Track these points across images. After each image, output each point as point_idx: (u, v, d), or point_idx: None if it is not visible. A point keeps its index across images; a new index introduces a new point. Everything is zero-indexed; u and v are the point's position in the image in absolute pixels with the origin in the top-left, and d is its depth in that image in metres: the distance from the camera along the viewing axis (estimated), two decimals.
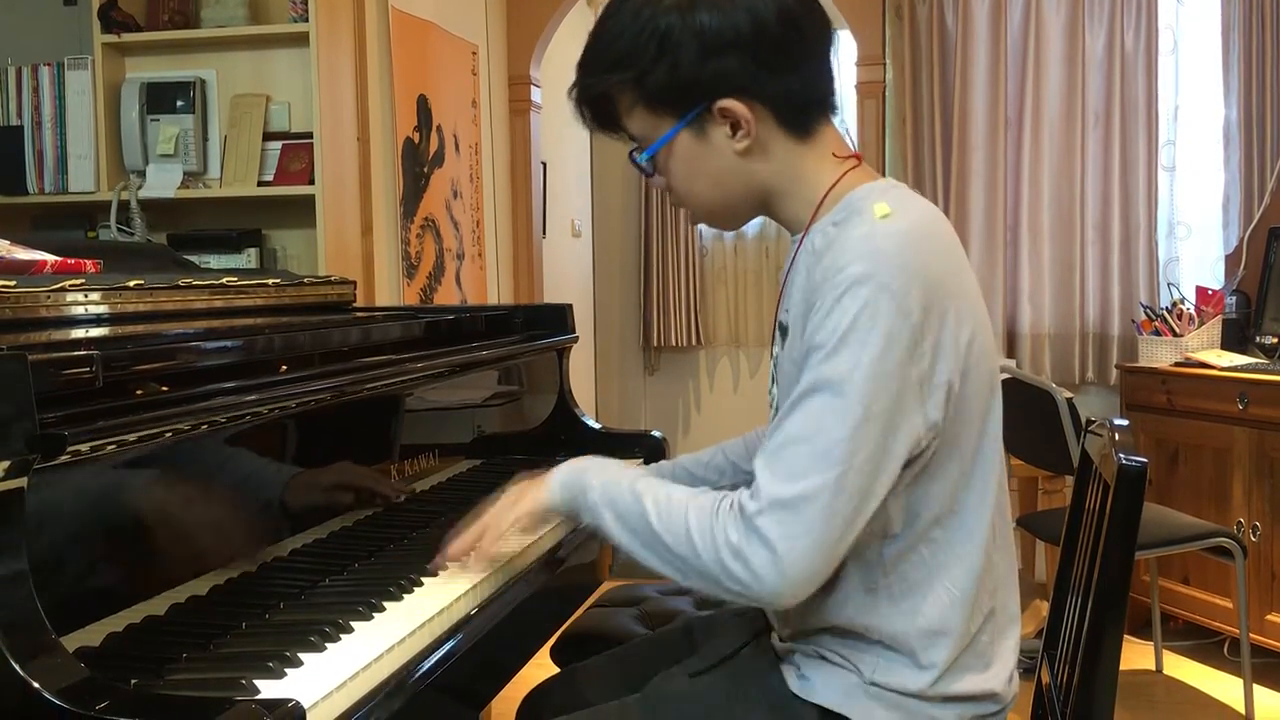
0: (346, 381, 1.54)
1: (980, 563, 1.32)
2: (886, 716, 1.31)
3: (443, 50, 3.79)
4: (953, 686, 1.31)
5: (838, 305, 1.21)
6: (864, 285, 1.20)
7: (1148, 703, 3.40)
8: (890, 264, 1.21)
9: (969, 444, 1.30)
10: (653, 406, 6.06)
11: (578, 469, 1.40)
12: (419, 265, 3.57)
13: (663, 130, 1.33)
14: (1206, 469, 3.65)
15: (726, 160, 1.33)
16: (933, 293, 1.22)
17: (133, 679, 1.07)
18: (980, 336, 1.29)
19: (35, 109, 3.13)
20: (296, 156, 3.05)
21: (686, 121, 1.32)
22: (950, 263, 1.28)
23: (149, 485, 1.20)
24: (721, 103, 1.30)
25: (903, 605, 1.30)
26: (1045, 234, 4.47)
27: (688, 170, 1.35)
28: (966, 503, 1.31)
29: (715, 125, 1.32)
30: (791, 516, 1.18)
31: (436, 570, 1.47)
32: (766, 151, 1.33)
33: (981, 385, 1.30)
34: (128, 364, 1.18)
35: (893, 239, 1.23)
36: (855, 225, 1.26)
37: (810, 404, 1.21)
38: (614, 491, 1.34)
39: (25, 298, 1.43)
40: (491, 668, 1.53)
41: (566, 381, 2.33)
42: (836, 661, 1.34)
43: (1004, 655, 1.38)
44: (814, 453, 1.19)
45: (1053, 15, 4.41)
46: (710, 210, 1.40)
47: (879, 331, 1.19)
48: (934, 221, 1.30)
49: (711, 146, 1.33)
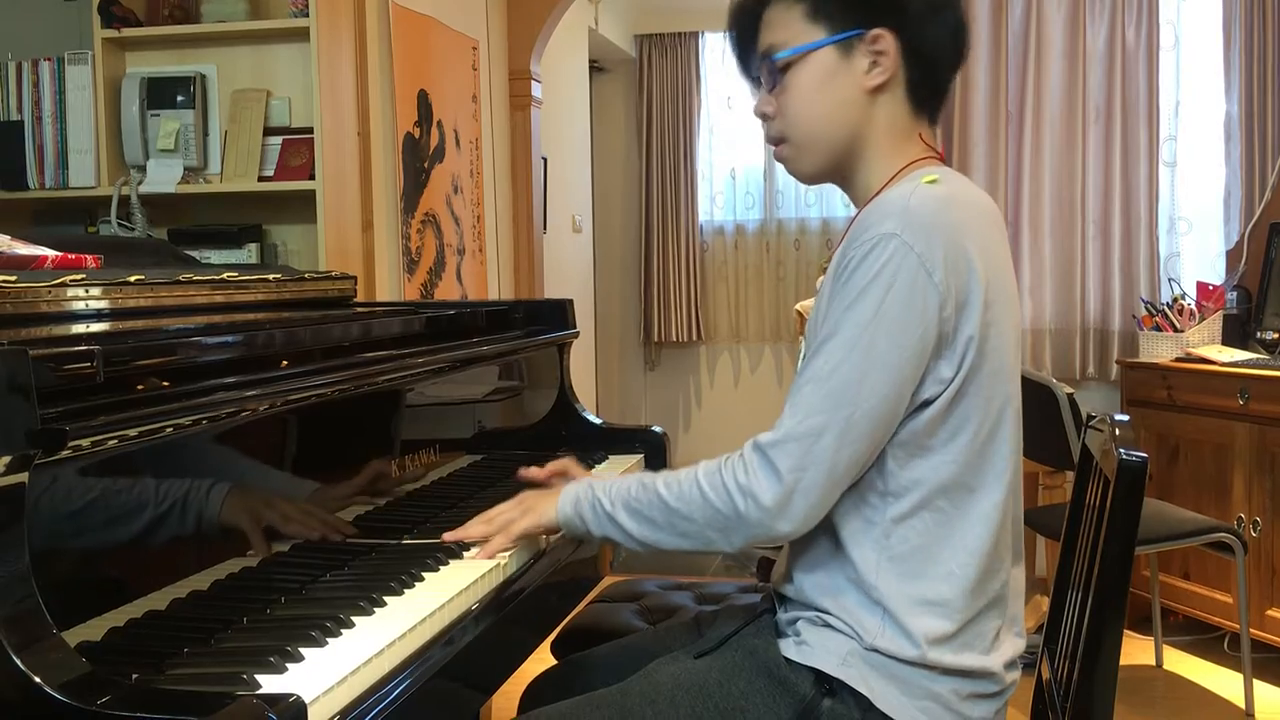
0: (347, 377, 1.54)
1: (987, 545, 1.34)
2: (881, 684, 1.32)
3: (443, 45, 3.79)
4: (950, 659, 1.33)
5: (866, 258, 1.28)
6: (891, 240, 1.27)
7: (1148, 698, 3.40)
8: (919, 222, 1.28)
9: (983, 425, 1.33)
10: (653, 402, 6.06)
11: (580, 483, 1.49)
12: (420, 260, 3.57)
13: (813, 37, 1.39)
14: (1207, 464, 3.65)
15: (853, 90, 1.39)
16: (960, 256, 1.28)
17: (134, 674, 1.07)
18: (1004, 323, 1.34)
19: (35, 104, 3.13)
20: (297, 152, 3.05)
21: (840, 38, 1.38)
22: (984, 236, 1.33)
23: (149, 480, 1.20)
24: (879, 30, 1.37)
25: (905, 570, 1.33)
26: (1046, 229, 4.47)
27: (814, 86, 1.40)
28: (977, 482, 1.34)
29: (860, 53, 1.38)
30: (800, 449, 1.28)
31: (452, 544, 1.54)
32: (887, 102, 1.40)
33: (999, 371, 1.34)
34: (128, 359, 1.18)
35: (928, 201, 1.30)
36: (899, 189, 1.34)
37: (829, 347, 1.29)
38: (622, 490, 1.43)
39: (26, 293, 1.42)
40: (493, 663, 1.53)
41: (567, 377, 2.33)
42: (839, 626, 1.35)
43: (1006, 648, 1.39)
44: (828, 392, 1.28)
45: (1054, 10, 4.41)
46: (808, 138, 1.43)
47: (901, 285, 1.26)
48: (976, 196, 1.38)
49: (848, 71, 1.39)
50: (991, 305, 1.31)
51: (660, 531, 1.39)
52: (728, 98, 5.86)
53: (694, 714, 1.37)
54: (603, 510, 1.44)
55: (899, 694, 1.32)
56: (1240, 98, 4.21)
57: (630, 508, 1.41)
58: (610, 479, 1.48)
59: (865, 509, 1.34)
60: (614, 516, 1.42)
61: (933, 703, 1.33)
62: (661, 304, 5.85)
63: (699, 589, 2.40)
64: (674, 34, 5.84)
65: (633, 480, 1.44)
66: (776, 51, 1.41)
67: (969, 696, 1.35)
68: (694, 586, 2.42)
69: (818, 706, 1.34)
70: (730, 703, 1.37)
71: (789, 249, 5.80)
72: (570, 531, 1.51)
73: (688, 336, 5.86)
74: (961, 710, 1.34)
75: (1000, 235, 1.38)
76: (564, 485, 1.52)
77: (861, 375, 1.27)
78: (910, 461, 1.32)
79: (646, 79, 5.88)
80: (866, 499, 1.34)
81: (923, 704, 1.33)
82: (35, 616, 0.97)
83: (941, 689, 1.33)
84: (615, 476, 1.50)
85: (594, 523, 1.45)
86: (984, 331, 1.31)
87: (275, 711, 0.94)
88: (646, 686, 1.41)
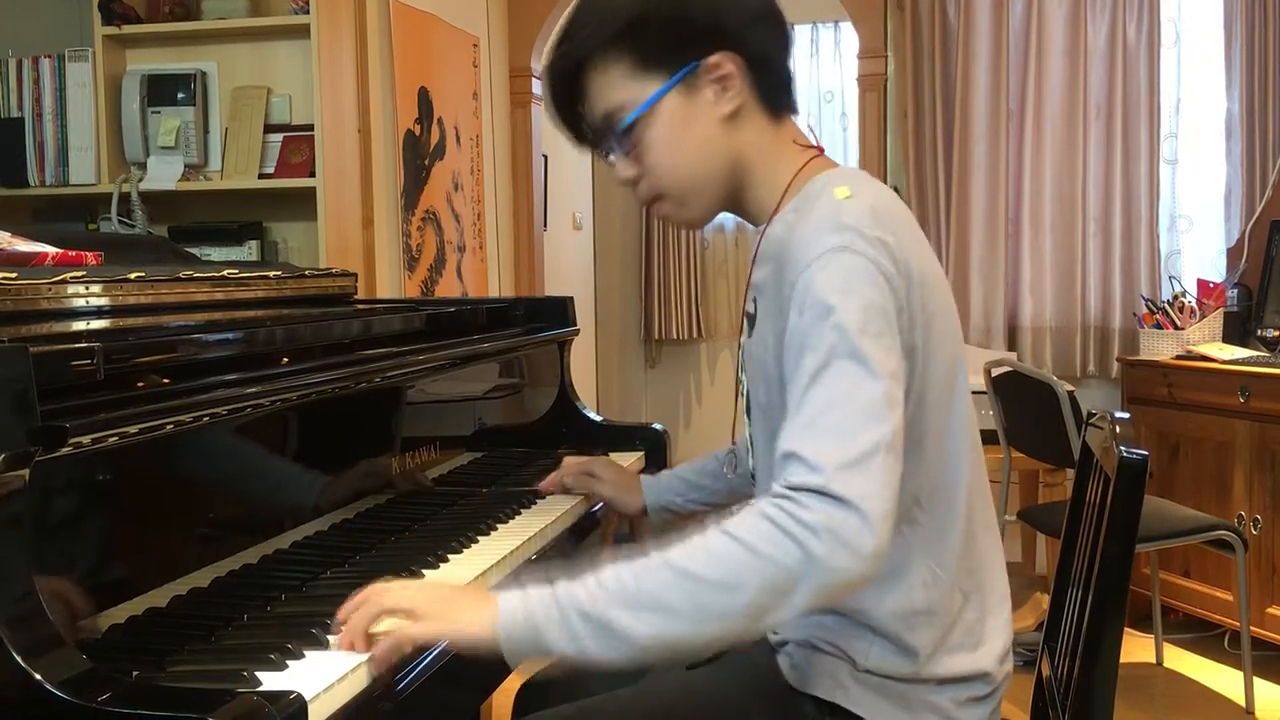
0: (348, 374, 1.54)
1: (960, 542, 1.33)
2: (882, 704, 1.31)
3: (444, 42, 3.79)
4: (944, 668, 1.32)
5: (821, 274, 1.21)
6: (839, 253, 1.21)
7: (1148, 696, 3.40)
8: (861, 234, 1.23)
9: (941, 421, 1.31)
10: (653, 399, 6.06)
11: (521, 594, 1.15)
12: (420, 258, 3.57)
13: (650, 90, 1.33)
14: (1207, 462, 3.65)
15: (710, 125, 1.34)
16: (900, 261, 1.25)
17: (134, 671, 1.07)
18: (942, 318, 1.31)
19: (36, 101, 3.13)
20: (297, 149, 3.05)
21: (678, 79, 1.32)
22: (911, 240, 1.30)
23: (149, 478, 1.20)
24: (715, 57, 1.31)
25: (888, 585, 1.30)
26: (1046, 227, 4.47)
27: (671, 136, 1.34)
28: (944, 481, 1.32)
29: (703, 85, 1.32)
30: (862, 474, 1.11)
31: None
32: (746, 122, 1.35)
33: (947, 367, 1.31)
34: (129, 356, 1.18)
35: (858, 215, 1.25)
36: (819, 208, 1.28)
37: (830, 373, 1.17)
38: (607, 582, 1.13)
39: (26, 290, 1.42)
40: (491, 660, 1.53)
41: (567, 374, 2.33)
42: (828, 650, 1.34)
43: (994, 634, 1.37)
44: (858, 413, 1.14)
45: (1055, 8, 4.41)
46: (687, 187, 1.37)
47: (870, 291, 1.20)
48: (892, 201, 1.33)
49: (697, 108, 1.33)
50: (928, 301, 1.28)
51: (683, 621, 1.10)
52: None
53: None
54: (580, 621, 1.11)
55: (899, 711, 1.32)
56: (1241, 95, 4.21)
57: (631, 602, 1.11)
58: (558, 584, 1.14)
59: None
60: (607, 623, 1.10)
61: (933, 715, 1.32)
62: (662, 301, 5.85)
63: None
64: None
65: (608, 571, 1.13)
66: (621, 117, 1.33)
67: (966, 701, 1.34)
68: None
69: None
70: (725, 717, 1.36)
71: None
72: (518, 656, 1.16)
73: (688, 334, 5.86)
74: (959, 717, 1.34)
75: (919, 232, 1.34)
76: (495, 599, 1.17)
77: (883, 389, 1.19)
78: None
79: None
80: None
81: (922, 717, 1.32)
82: (36, 614, 0.97)
83: (940, 700, 1.33)
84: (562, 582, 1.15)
85: (567, 641, 1.11)
86: (927, 331, 1.28)
87: (276, 708, 0.94)
88: (641, 698, 1.40)
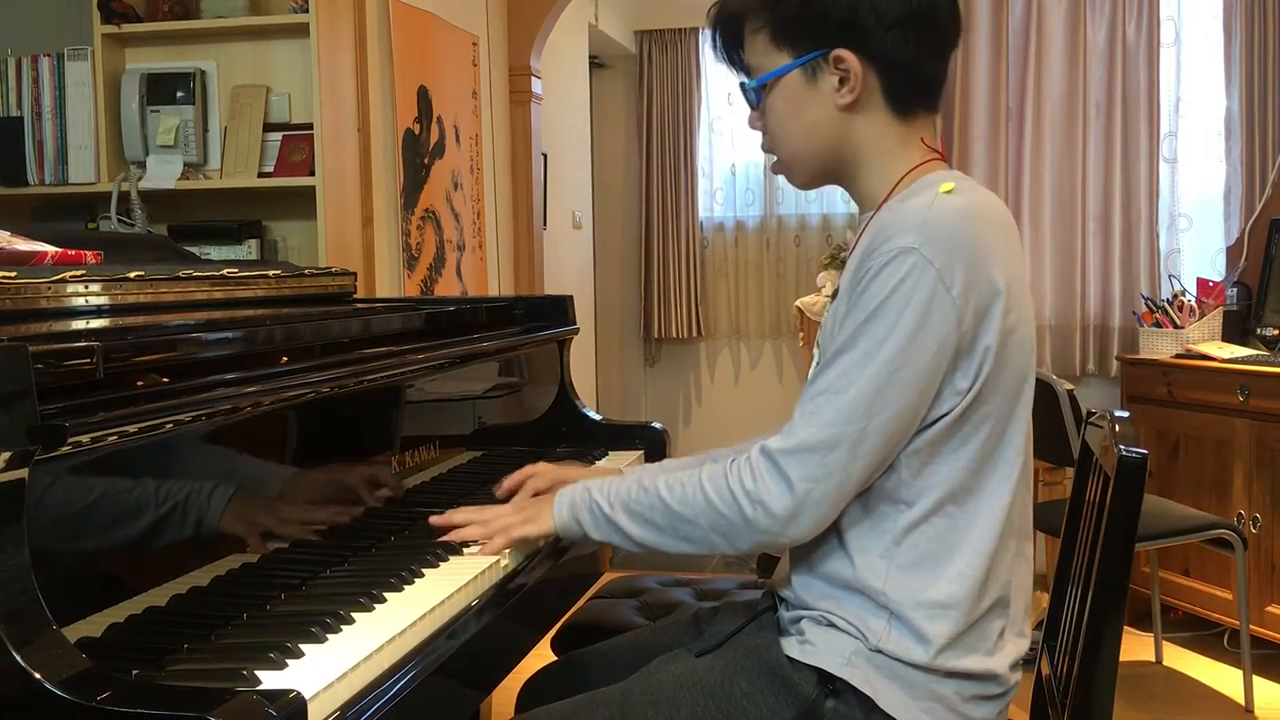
0: (347, 373, 1.54)
1: (993, 545, 1.34)
2: (886, 685, 1.32)
3: (443, 41, 3.78)
4: (955, 662, 1.33)
5: (883, 271, 1.27)
6: (909, 255, 1.26)
7: (1147, 694, 3.40)
8: (939, 235, 1.27)
9: (996, 428, 1.33)
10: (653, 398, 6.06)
11: (575, 487, 1.49)
12: (419, 257, 3.57)
13: (779, 63, 1.39)
14: (1207, 461, 3.66)
15: (825, 111, 1.39)
16: (979, 269, 1.28)
17: (134, 670, 1.07)
18: (1023, 328, 1.34)
19: (35, 100, 3.12)
20: (297, 148, 3.05)
21: (802, 61, 1.37)
22: (1003, 247, 1.33)
23: (149, 477, 1.20)
24: (839, 52, 1.35)
25: (914, 575, 1.32)
26: (1046, 225, 4.47)
27: (787, 109, 1.41)
28: (986, 484, 1.34)
29: (826, 74, 1.37)
30: (814, 459, 1.28)
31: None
32: (865, 116, 1.39)
33: (1015, 375, 1.34)
34: (128, 355, 1.18)
35: (948, 213, 1.29)
36: (916, 199, 1.33)
37: (844, 360, 1.29)
38: (622, 492, 1.43)
39: (26, 289, 1.42)
40: (492, 659, 1.53)
41: (567, 373, 2.33)
42: (844, 627, 1.35)
43: (1009, 649, 1.39)
44: (843, 405, 1.28)
45: (1054, 7, 4.41)
46: (792, 157, 1.44)
47: (919, 300, 1.26)
48: (994, 206, 1.37)
49: (817, 93, 1.38)
50: (1010, 312, 1.31)
51: (662, 535, 1.39)
52: (728, 94, 5.86)
53: (696, 714, 1.36)
54: (601, 513, 1.44)
55: (903, 695, 1.32)
56: (1241, 94, 4.21)
57: (631, 510, 1.41)
58: (607, 479, 1.47)
59: (875, 516, 1.34)
60: (614, 520, 1.42)
61: (936, 704, 1.33)
62: (662, 300, 5.85)
63: (699, 585, 2.40)
64: (674, 30, 5.83)
65: (631, 481, 1.43)
66: (752, 76, 1.43)
67: (972, 698, 1.35)
68: (694, 583, 2.42)
69: (820, 706, 1.34)
70: (732, 702, 1.37)
71: (789, 245, 5.79)
72: (567, 537, 1.51)
73: (688, 333, 5.86)
74: (964, 711, 1.34)
75: (1016, 243, 1.38)
76: (558, 490, 1.52)
77: (877, 390, 1.27)
78: (923, 469, 1.32)
79: (647, 75, 5.88)
80: (877, 507, 1.34)
81: (926, 705, 1.32)
82: (35, 612, 0.97)
83: (946, 690, 1.33)
84: (611, 475, 1.49)
85: (592, 526, 1.45)
86: (1003, 339, 1.30)
87: (275, 707, 0.94)
88: (648, 685, 1.41)
